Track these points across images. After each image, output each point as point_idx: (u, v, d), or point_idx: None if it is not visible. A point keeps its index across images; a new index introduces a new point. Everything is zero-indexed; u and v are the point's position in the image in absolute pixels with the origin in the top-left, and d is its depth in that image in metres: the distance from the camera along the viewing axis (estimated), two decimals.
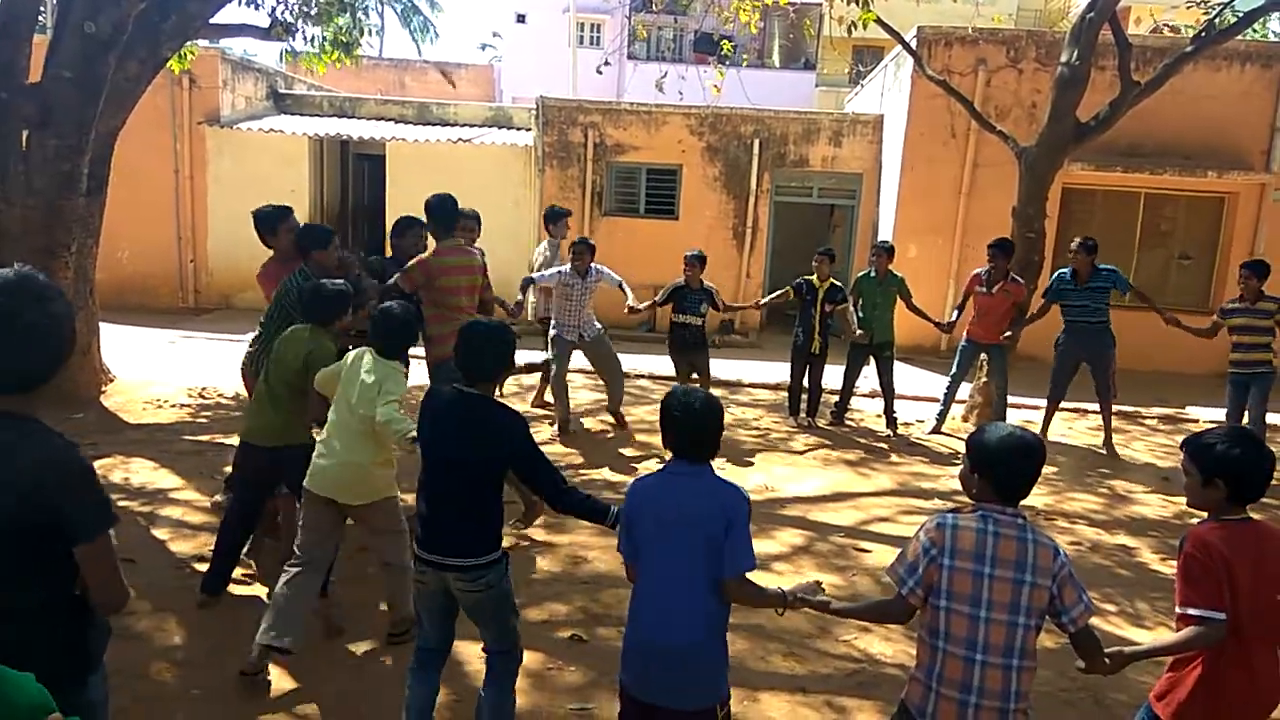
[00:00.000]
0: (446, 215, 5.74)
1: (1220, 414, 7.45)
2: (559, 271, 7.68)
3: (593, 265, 7.70)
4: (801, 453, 7.75)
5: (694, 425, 2.73)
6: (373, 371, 3.91)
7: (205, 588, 4.50)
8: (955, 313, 8.68)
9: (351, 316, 4.57)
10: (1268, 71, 11.70)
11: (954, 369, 8.36)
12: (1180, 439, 2.84)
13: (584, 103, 14.12)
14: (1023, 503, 2.58)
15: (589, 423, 8.24)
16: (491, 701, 3.26)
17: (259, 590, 4.65)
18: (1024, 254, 8.26)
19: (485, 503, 3.14)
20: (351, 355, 4.06)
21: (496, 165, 13.54)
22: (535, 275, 7.90)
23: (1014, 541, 2.47)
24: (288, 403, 4.35)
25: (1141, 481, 7.43)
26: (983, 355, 8.36)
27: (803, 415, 8.51)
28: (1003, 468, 2.53)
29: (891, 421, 8.39)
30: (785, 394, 8.95)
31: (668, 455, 2.85)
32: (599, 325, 7.85)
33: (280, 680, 3.86)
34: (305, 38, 10.38)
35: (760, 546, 5.63)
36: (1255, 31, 15.21)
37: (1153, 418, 9.76)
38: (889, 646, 4.42)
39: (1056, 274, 8.04)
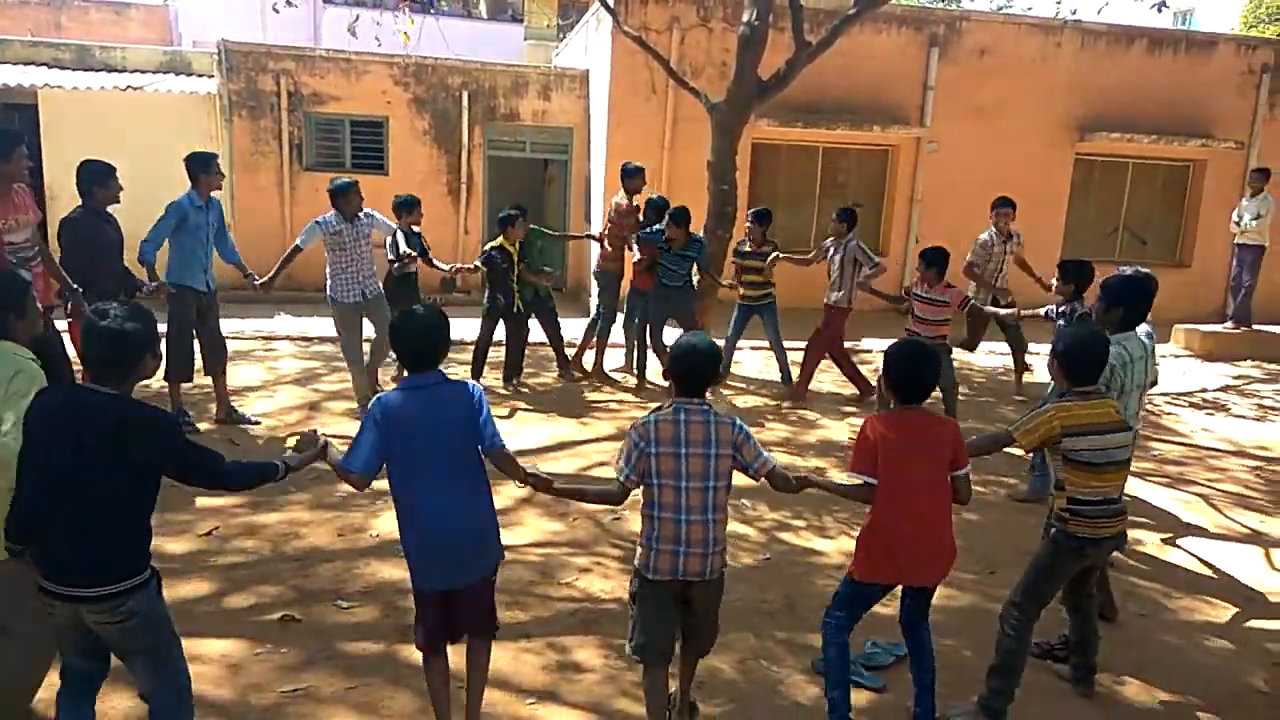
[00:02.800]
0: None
1: (885, 344, 8.42)
2: (318, 222, 6.85)
3: (365, 210, 6.91)
4: (526, 408, 7.85)
5: (416, 340, 3.11)
6: None
7: None
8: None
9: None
10: (919, 34, 13.14)
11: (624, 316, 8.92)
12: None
13: (274, 48, 13.06)
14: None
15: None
16: None
17: None
18: (718, 206, 8.80)
19: (125, 518, 2.66)
20: None
21: (175, 116, 12.23)
22: (299, 240, 6.96)
23: (700, 425, 3.16)
24: None
25: (827, 409, 8.26)
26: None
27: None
28: (683, 367, 3.24)
29: (563, 363, 8.76)
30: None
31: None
32: (379, 284, 7.21)
33: None
34: None
35: None
36: None
37: None
38: (608, 583, 4.64)
39: (648, 231, 8.35)
